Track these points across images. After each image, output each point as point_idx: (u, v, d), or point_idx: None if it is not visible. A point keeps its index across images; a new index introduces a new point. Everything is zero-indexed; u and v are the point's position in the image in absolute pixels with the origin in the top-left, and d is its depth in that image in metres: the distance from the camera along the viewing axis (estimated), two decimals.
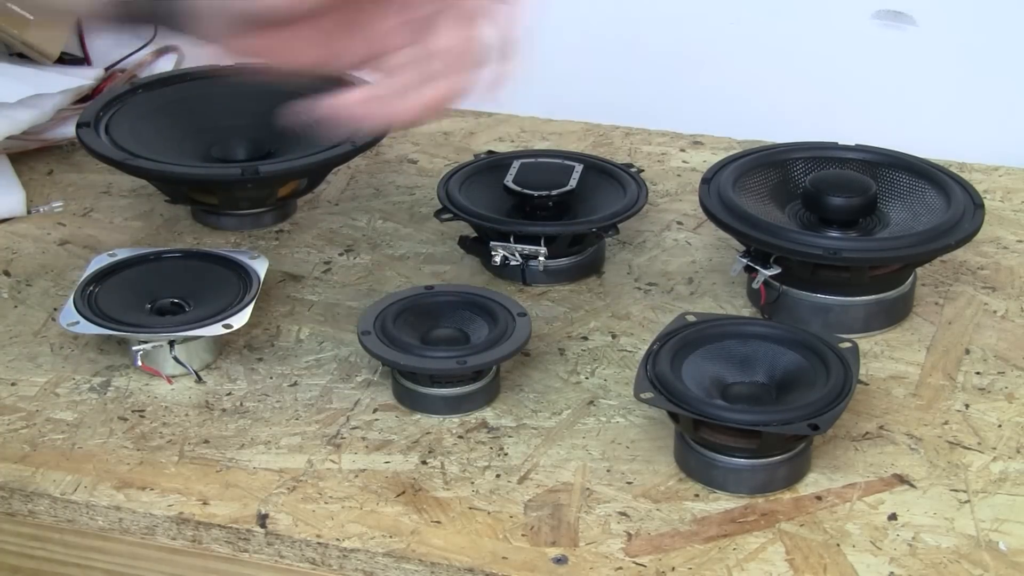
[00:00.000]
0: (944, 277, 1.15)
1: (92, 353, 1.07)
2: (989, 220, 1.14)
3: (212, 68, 1.33)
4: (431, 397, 0.99)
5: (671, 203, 1.28)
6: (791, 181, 1.14)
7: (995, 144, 1.35)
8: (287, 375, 1.04)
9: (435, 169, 1.33)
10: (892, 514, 0.89)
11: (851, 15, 1.39)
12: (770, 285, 1.07)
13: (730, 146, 1.37)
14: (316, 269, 1.18)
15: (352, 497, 0.91)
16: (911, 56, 1.38)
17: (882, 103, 1.40)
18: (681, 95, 1.45)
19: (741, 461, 0.91)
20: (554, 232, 1.13)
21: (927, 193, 1.11)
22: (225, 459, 0.95)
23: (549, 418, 0.99)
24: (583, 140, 1.39)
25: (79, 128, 1.22)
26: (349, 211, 1.27)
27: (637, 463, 0.94)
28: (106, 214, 1.27)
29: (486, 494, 0.92)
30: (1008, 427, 0.98)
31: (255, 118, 1.29)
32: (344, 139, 1.20)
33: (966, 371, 1.04)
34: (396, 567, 0.87)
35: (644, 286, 1.15)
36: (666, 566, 0.85)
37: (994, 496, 0.91)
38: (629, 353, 1.06)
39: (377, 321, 1.01)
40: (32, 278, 1.17)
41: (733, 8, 1.42)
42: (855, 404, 0.99)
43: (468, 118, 1.44)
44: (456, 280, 1.15)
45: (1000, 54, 1.36)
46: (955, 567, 0.85)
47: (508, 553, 0.87)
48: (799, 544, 0.87)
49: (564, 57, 1.48)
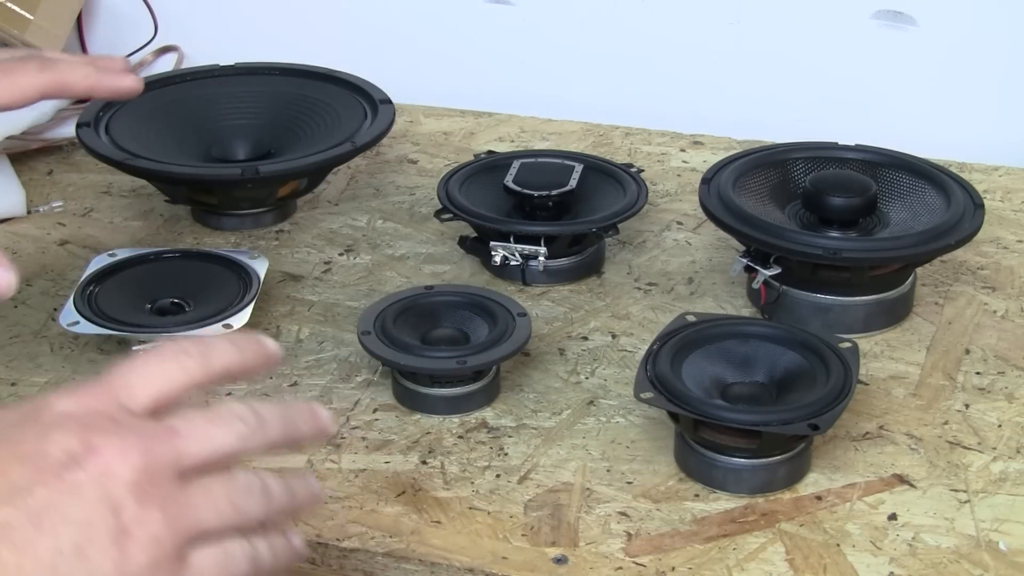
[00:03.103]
0: (944, 277, 1.15)
1: (92, 353, 1.07)
2: (989, 220, 1.14)
3: (212, 68, 1.33)
4: (431, 397, 0.99)
5: (671, 203, 1.28)
6: (791, 181, 1.14)
7: (995, 144, 1.35)
8: (287, 375, 1.04)
9: (435, 169, 1.33)
10: (892, 514, 0.89)
11: (851, 15, 1.39)
12: (770, 285, 1.07)
13: (730, 146, 1.37)
14: (316, 269, 1.18)
15: (352, 497, 0.91)
16: (911, 56, 1.38)
17: (882, 103, 1.40)
18: (681, 95, 1.45)
19: (741, 461, 0.91)
20: (554, 232, 1.13)
21: (927, 193, 1.11)
22: None
23: (549, 418, 0.99)
24: (583, 140, 1.39)
25: (79, 128, 1.22)
26: (349, 211, 1.27)
27: (637, 463, 0.94)
28: (106, 214, 1.27)
29: (486, 494, 0.92)
30: (1008, 427, 0.98)
31: (255, 118, 1.29)
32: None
33: (966, 371, 1.04)
34: (396, 567, 0.87)
35: (644, 286, 1.15)
36: (666, 566, 0.85)
37: (994, 496, 0.91)
38: (629, 353, 1.06)
39: (377, 321, 1.01)
40: (32, 278, 1.17)
41: (733, 8, 1.42)
42: (855, 404, 0.98)
43: (468, 118, 1.44)
44: (456, 280, 1.15)
45: (1000, 54, 1.36)
46: (955, 567, 0.85)
47: (508, 553, 0.87)
48: (799, 544, 0.87)
49: (564, 57, 1.48)
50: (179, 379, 0.62)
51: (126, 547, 0.57)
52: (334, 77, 1.30)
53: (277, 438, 0.63)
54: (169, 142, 1.24)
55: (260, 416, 0.62)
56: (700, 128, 1.40)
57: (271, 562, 0.62)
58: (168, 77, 1.33)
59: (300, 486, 0.64)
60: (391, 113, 1.25)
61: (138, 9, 1.56)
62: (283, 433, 0.63)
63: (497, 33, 1.49)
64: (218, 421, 0.61)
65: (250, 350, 0.64)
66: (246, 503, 0.61)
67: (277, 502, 0.63)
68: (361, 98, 1.27)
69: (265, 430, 0.62)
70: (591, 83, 1.47)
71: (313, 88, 1.30)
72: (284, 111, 1.29)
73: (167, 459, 0.59)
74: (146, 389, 0.61)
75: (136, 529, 0.57)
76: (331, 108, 1.27)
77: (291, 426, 0.63)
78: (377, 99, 1.26)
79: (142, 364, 0.62)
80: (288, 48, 1.40)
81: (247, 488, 0.61)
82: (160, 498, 0.58)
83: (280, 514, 0.63)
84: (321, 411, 0.66)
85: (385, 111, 1.25)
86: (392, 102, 1.26)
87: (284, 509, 0.63)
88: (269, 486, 0.62)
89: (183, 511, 0.59)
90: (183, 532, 0.59)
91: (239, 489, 0.61)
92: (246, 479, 0.61)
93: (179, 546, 0.59)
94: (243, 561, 0.61)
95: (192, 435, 0.60)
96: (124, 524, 0.57)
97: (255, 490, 0.62)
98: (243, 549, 0.61)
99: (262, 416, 0.62)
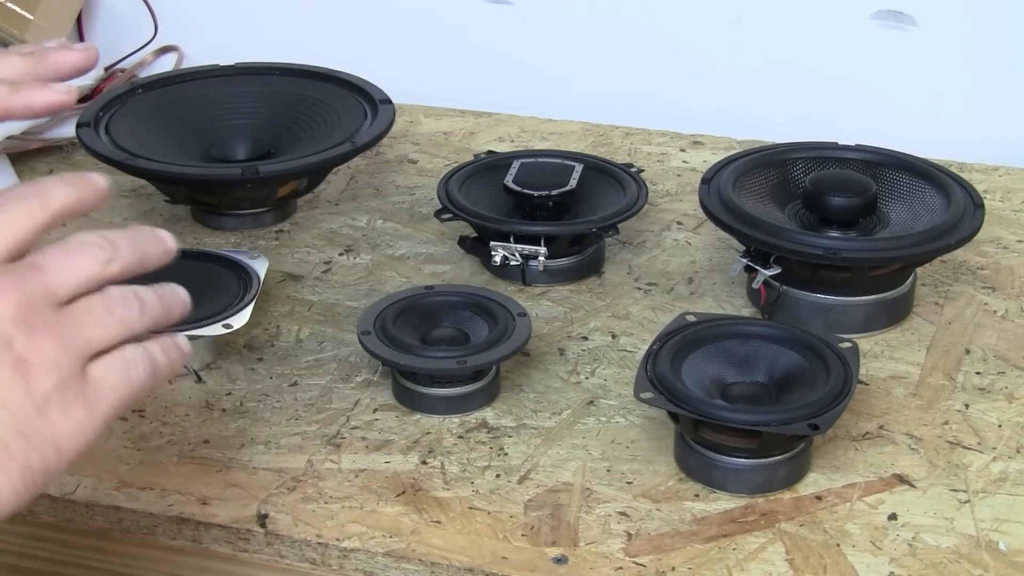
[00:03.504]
0: (944, 277, 1.15)
1: None
2: (989, 220, 1.14)
3: (212, 68, 1.33)
4: (431, 397, 0.99)
5: (671, 203, 1.28)
6: (791, 181, 1.14)
7: (995, 144, 1.35)
8: (287, 375, 1.04)
9: (435, 169, 1.33)
10: (892, 514, 0.89)
11: (851, 15, 1.39)
12: (770, 285, 1.07)
13: (730, 146, 1.37)
14: (316, 269, 1.18)
15: (352, 497, 0.91)
16: (911, 56, 1.38)
17: (882, 103, 1.40)
18: (681, 95, 1.45)
19: (741, 461, 0.91)
20: (554, 232, 1.13)
21: (927, 193, 1.11)
22: (225, 459, 0.95)
23: (549, 418, 0.99)
24: (583, 140, 1.39)
25: (79, 128, 1.22)
26: (349, 211, 1.27)
27: (637, 463, 0.94)
28: (106, 214, 1.27)
29: (486, 494, 0.92)
30: (1008, 427, 0.98)
31: (255, 118, 1.29)
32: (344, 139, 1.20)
33: (966, 371, 1.04)
34: (396, 567, 0.87)
35: (644, 286, 1.15)
36: (666, 566, 0.85)
37: (994, 496, 0.91)
38: (629, 353, 1.06)
39: (377, 321, 1.01)
40: None
41: (733, 8, 1.42)
42: (855, 404, 0.99)
43: (468, 118, 1.44)
44: (456, 280, 1.15)
45: (1000, 54, 1.36)
46: (955, 567, 0.85)
47: (508, 553, 0.87)
48: (799, 544, 0.87)
49: (564, 57, 1.48)
50: (24, 222, 0.64)
51: (29, 375, 0.61)
52: (334, 77, 1.30)
53: (130, 261, 0.66)
54: (169, 142, 1.24)
55: (112, 241, 0.66)
56: (700, 128, 1.40)
57: (166, 362, 0.67)
58: (168, 77, 1.33)
59: (166, 292, 0.69)
60: (391, 113, 1.25)
61: (138, 9, 1.56)
62: (135, 257, 0.66)
63: (497, 33, 1.49)
64: (75, 251, 0.64)
65: (84, 187, 0.67)
66: (126, 312, 0.65)
67: (152, 306, 0.67)
68: (361, 98, 1.27)
69: (120, 255, 0.66)
70: (591, 83, 1.47)
71: (313, 88, 1.30)
72: (284, 111, 1.29)
73: (40, 291, 0.62)
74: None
75: (32, 356, 0.61)
76: (331, 108, 1.27)
77: (141, 249, 0.67)
78: (377, 99, 1.26)
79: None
80: (288, 48, 1.40)
81: (123, 299, 0.65)
82: (45, 325, 0.62)
83: (160, 321, 0.67)
84: (162, 233, 0.69)
85: (385, 111, 1.25)
86: (392, 102, 1.26)
87: (160, 312, 0.67)
88: (140, 293, 0.66)
89: (71, 331, 0.63)
90: (77, 350, 0.63)
91: (115, 301, 0.65)
92: (119, 291, 0.65)
93: (78, 364, 0.63)
94: (141, 364, 0.65)
95: (54, 266, 0.63)
96: (20, 355, 0.61)
97: (131, 299, 0.66)
98: (138, 354, 0.65)
99: (113, 241, 0.66)
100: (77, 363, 0.63)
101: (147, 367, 0.66)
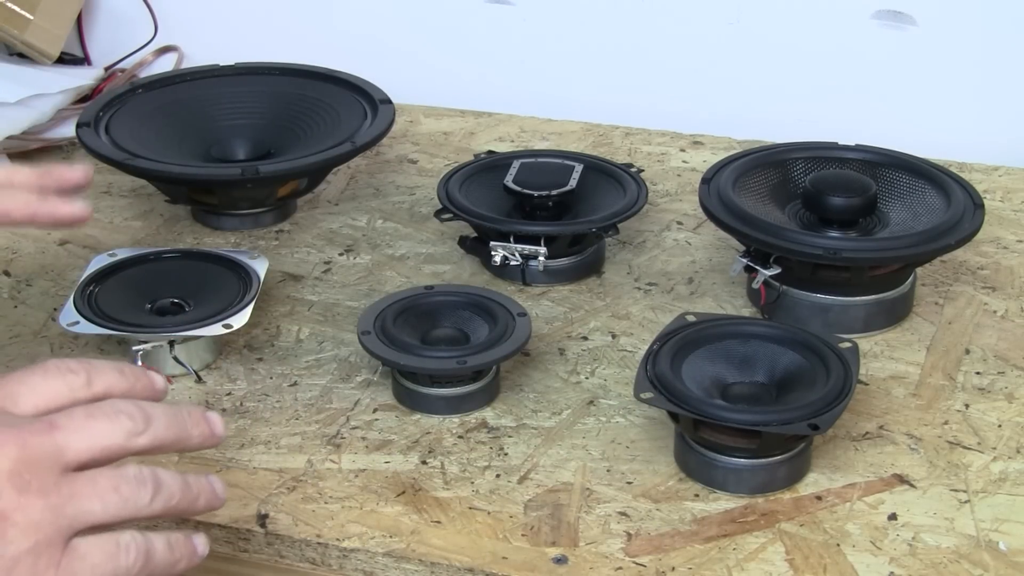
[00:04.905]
0: (944, 277, 1.15)
1: (92, 353, 1.07)
2: (989, 220, 1.14)
3: (212, 68, 1.33)
4: (431, 397, 0.99)
5: (671, 203, 1.28)
6: (791, 181, 1.14)
7: (995, 144, 1.35)
8: (287, 375, 1.04)
9: (435, 169, 1.33)
10: (892, 514, 0.89)
11: (851, 15, 1.39)
12: (770, 285, 1.07)
13: (730, 146, 1.37)
14: (316, 269, 1.18)
15: (352, 497, 0.91)
16: (911, 56, 1.38)
17: (882, 103, 1.40)
18: (681, 95, 1.45)
19: (741, 461, 0.91)
20: (554, 232, 1.13)
21: (927, 193, 1.11)
22: (225, 459, 0.95)
23: (549, 418, 0.99)
24: (583, 140, 1.39)
25: (79, 128, 1.22)
26: (349, 211, 1.27)
27: (637, 463, 0.94)
28: (106, 214, 1.27)
29: (486, 494, 0.92)
30: (1008, 427, 0.98)
31: (255, 118, 1.29)
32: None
33: (966, 371, 1.04)
34: (396, 567, 0.87)
35: (644, 286, 1.15)
36: (666, 566, 0.85)
37: (994, 496, 0.91)
38: (629, 353, 1.06)
39: (377, 321, 1.01)
40: (32, 278, 1.17)
41: (733, 8, 1.42)
42: (855, 404, 0.99)
43: (468, 118, 1.44)
44: (456, 280, 1.15)
45: (1000, 54, 1.36)
46: (955, 567, 0.85)
47: (508, 553, 0.87)
48: (799, 544, 0.87)
49: (564, 57, 1.48)
50: (61, 394, 0.63)
51: (6, 532, 0.59)
52: (334, 77, 1.31)
53: (165, 438, 0.63)
54: (169, 142, 1.24)
55: (147, 414, 0.63)
56: (700, 128, 1.40)
57: (167, 559, 0.63)
58: (168, 77, 1.33)
59: (199, 483, 0.65)
60: (391, 113, 1.25)
61: (138, 9, 1.56)
62: (172, 434, 0.63)
63: (497, 33, 1.49)
64: (100, 416, 0.62)
65: (138, 382, 0.65)
66: (135, 492, 0.62)
67: (170, 492, 0.63)
68: (361, 98, 1.27)
69: (152, 429, 0.63)
70: (591, 83, 1.47)
71: (313, 88, 1.30)
72: (284, 111, 1.29)
73: (46, 450, 0.60)
74: (30, 398, 0.63)
75: (15, 515, 0.59)
76: (331, 108, 1.27)
77: (180, 428, 0.64)
78: (377, 99, 1.26)
79: (27, 374, 0.63)
80: (288, 48, 1.40)
81: (136, 479, 0.62)
82: (40, 487, 0.60)
83: (178, 510, 0.64)
84: (213, 417, 0.66)
85: (385, 111, 1.25)
86: (392, 102, 1.26)
87: (179, 501, 0.64)
88: (161, 478, 0.63)
89: (66, 500, 0.60)
90: (67, 519, 0.60)
91: (126, 478, 0.62)
92: (135, 470, 0.62)
93: (62, 533, 0.60)
94: (134, 553, 0.62)
95: (72, 428, 0.61)
96: (2, 510, 0.59)
97: (146, 479, 0.62)
98: (136, 540, 0.62)
99: (149, 415, 0.63)
100: (62, 532, 0.60)
101: (140, 557, 0.62)
